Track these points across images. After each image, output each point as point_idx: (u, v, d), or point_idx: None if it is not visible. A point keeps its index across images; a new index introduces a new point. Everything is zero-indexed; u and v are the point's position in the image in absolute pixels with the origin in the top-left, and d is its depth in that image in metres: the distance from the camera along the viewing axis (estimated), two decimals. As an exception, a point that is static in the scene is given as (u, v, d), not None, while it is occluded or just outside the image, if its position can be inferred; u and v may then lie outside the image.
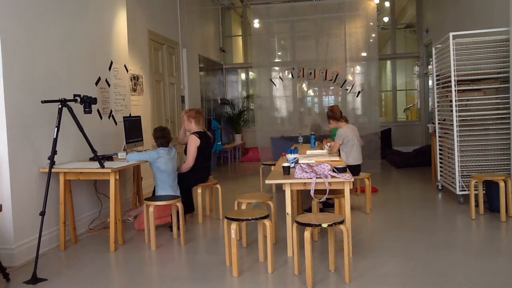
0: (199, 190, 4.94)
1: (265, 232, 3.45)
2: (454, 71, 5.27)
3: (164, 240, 4.32)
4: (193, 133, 4.98)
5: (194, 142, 4.90)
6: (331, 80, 8.60)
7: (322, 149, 5.56)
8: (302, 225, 3.07)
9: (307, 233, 3.00)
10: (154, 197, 4.50)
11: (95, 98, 4.19)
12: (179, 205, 4.16)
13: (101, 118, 5.17)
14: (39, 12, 4.17)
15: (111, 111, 5.42)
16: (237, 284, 3.20)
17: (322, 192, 4.21)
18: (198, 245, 4.18)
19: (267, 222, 3.35)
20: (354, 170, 5.16)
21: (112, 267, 3.75)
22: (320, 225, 3.02)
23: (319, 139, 6.21)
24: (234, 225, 3.26)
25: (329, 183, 3.55)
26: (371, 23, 8.51)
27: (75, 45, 4.71)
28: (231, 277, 3.29)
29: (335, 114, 5.43)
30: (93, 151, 4.12)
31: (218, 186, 5.18)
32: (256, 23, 9.04)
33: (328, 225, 3.01)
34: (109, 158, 4.57)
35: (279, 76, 8.90)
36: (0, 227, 3.68)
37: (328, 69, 8.57)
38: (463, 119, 5.38)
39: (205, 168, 5.16)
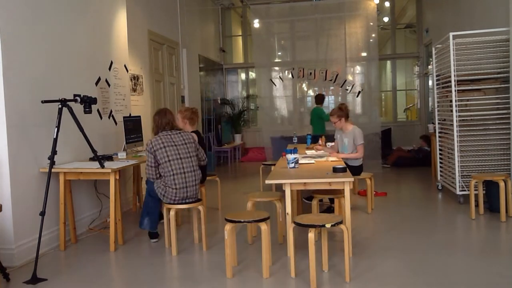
0: (203, 190, 4.91)
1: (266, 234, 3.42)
2: (454, 71, 5.27)
3: (164, 239, 4.31)
4: (192, 132, 4.87)
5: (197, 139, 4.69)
6: (331, 80, 8.60)
7: (320, 149, 5.53)
8: (304, 227, 3.05)
9: (311, 235, 2.97)
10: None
11: (95, 98, 4.19)
12: (201, 208, 4.06)
13: (101, 118, 5.17)
14: (39, 12, 4.17)
15: (111, 111, 5.41)
16: (231, 286, 3.20)
17: (323, 192, 4.23)
18: (199, 245, 4.17)
19: (262, 225, 3.26)
20: (359, 169, 5.15)
21: (112, 267, 3.75)
22: (324, 225, 2.99)
23: (316, 140, 6.20)
24: (228, 226, 3.25)
25: (329, 183, 3.55)
26: (371, 23, 8.51)
27: (75, 45, 4.71)
28: (224, 278, 3.28)
29: (346, 111, 5.15)
30: (93, 151, 4.12)
31: (218, 180, 5.18)
32: (256, 23, 9.04)
33: (331, 225, 2.99)
34: (109, 158, 4.57)
35: (279, 76, 8.90)
36: (0, 227, 3.68)
37: (328, 69, 8.56)
38: (463, 119, 5.38)
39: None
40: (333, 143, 5.57)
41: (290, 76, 8.83)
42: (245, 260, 3.67)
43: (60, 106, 3.88)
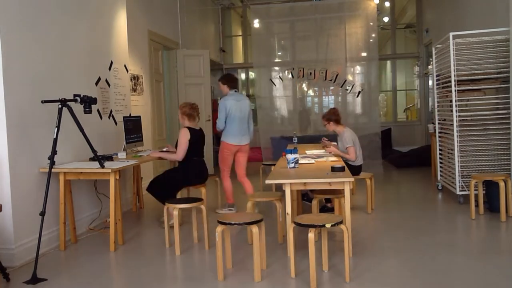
0: (203, 190, 4.91)
1: (261, 235, 3.38)
2: (454, 71, 5.27)
3: (164, 241, 4.31)
4: (184, 127, 4.85)
5: (184, 135, 4.75)
6: (331, 80, 8.60)
7: (325, 147, 5.50)
8: (304, 227, 3.05)
9: (311, 235, 2.97)
10: (176, 199, 4.48)
11: (95, 98, 4.19)
12: (203, 207, 4.08)
13: (101, 118, 5.17)
14: (39, 12, 4.17)
15: (111, 111, 5.41)
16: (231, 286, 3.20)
17: (322, 192, 4.23)
18: (199, 245, 4.18)
19: (253, 228, 3.18)
20: (357, 170, 5.17)
21: (112, 267, 3.75)
22: (324, 225, 2.99)
23: (316, 140, 6.17)
24: (219, 228, 3.22)
25: (329, 183, 3.55)
26: (371, 23, 8.51)
27: (75, 45, 4.71)
28: (216, 281, 3.25)
29: (337, 116, 5.29)
30: (93, 151, 4.11)
31: (218, 180, 5.18)
32: (256, 23, 9.03)
33: (332, 225, 2.99)
34: (109, 158, 4.57)
35: (279, 76, 8.89)
36: (0, 227, 3.68)
37: (328, 69, 8.56)
38: (463, 119, 5.38)
39: (201, 164, 5.00)
40: (335, 143, 5.59)
41: (290, 76, 8.82)
42: (244, 260, 3.67)
43: (60, 106, 3.88)
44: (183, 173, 4.86)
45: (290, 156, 4.10)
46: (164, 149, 5.30)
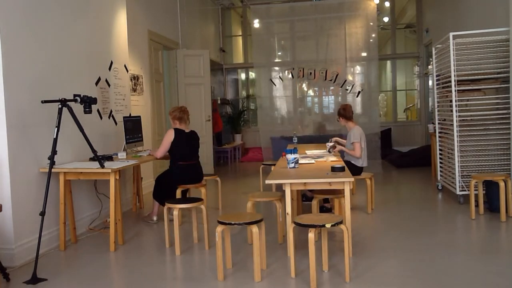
0: (203, 190, 4.92)
1: (261, 235, 3.39)
2: (454, 71, 5.27)
3: (164, 241, 4.32)
4: (171, 128, 4.93)
5: (168, 135, 4.84)
6: (331, 80, 8.60)
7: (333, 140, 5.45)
8: (304, 227, 3.05)
9: (311, 235, 2.97)
10: (176, 199, 4.49)
11: (95, 98, 4.19)
12: (203, 207, 4.10)
13: (101, 118, 5.17)
14: (39, 12, 4.17)
15: (111, 111, 5.42)
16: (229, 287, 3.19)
17: (322, 192, 4.23)
18: (198, 245, 4.18)
19: (253, 228, 3.16)
20: (359, 170, 5.17)
21: (112, 267, 3.75)
22: (324, 225, 2.99)
23: (324, 140, 6.13)
24: (219, 228, 3.22)
25: (329, 183, 3.55)
26: (371, 23, 8.51)
27: (75, 45, 4.71)
28: (216, 281, 3.24)
29: (347, 113, 5.34)
30: (93, 151, 4.12)
31: (218, 180, 5.18)
32: (256, 23, 9.04)
33: (332, 225, 2.99)
34: (109, 158, 4.57)
35: (279, 76, 8.89)
36: (0, 227, 3.68)
37: (328, 69, 8.56)
38: (463, 119, 5.39)
39: (189, 168, 4.99)
40: (331, 143, 5.54)
41: (290, 76, 8.83)
42: (244, 260, 3.67)
43: (60, 106, 3.88)
44: (169, 177, 4.94)
45: (290, 156, 4.10)
46: None
